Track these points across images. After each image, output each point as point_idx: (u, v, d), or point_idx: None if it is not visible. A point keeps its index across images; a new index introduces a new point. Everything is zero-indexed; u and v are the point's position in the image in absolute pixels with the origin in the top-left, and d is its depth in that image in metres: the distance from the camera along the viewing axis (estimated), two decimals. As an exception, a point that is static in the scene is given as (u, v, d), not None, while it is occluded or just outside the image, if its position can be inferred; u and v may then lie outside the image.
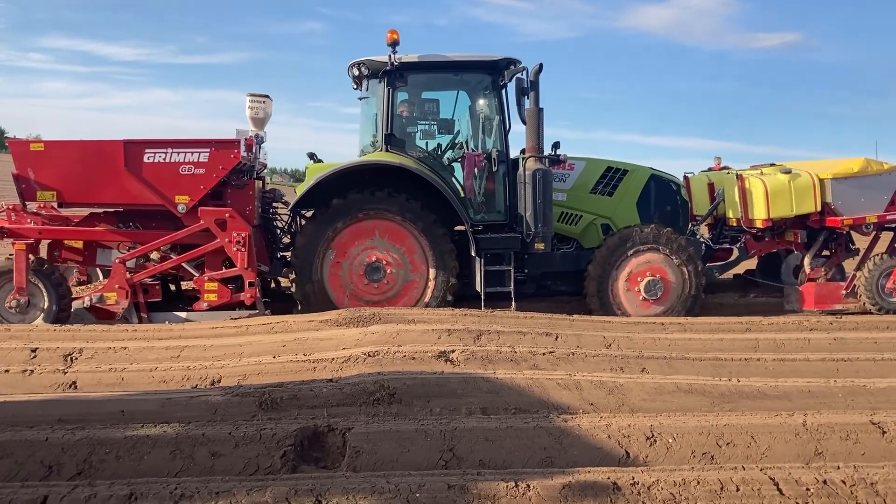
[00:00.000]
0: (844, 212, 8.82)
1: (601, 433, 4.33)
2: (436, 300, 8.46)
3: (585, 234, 9.35)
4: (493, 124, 8.99)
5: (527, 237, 8.55)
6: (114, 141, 8.05)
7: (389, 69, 8.58)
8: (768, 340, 6.99)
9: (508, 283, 8.52)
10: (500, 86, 8.96)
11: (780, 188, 8.86)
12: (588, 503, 3.43)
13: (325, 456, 4.22)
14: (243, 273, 8.05)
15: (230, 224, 8.03)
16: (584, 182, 9.40)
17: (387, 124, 8.70)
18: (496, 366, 5.75)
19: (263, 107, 8.97)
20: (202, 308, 8.16)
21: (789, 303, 9.26)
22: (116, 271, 8.00)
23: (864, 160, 8.91)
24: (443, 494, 3.43)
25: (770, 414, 4.74)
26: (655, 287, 8.71)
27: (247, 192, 8.39)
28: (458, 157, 9.05)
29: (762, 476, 3.70)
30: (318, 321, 7.29)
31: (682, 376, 5.63)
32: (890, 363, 6.25)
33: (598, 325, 7.59)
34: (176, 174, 8.03)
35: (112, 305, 7.95)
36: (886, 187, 8.90)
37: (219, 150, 8.10)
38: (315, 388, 5.02)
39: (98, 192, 8.09)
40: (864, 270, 8.96)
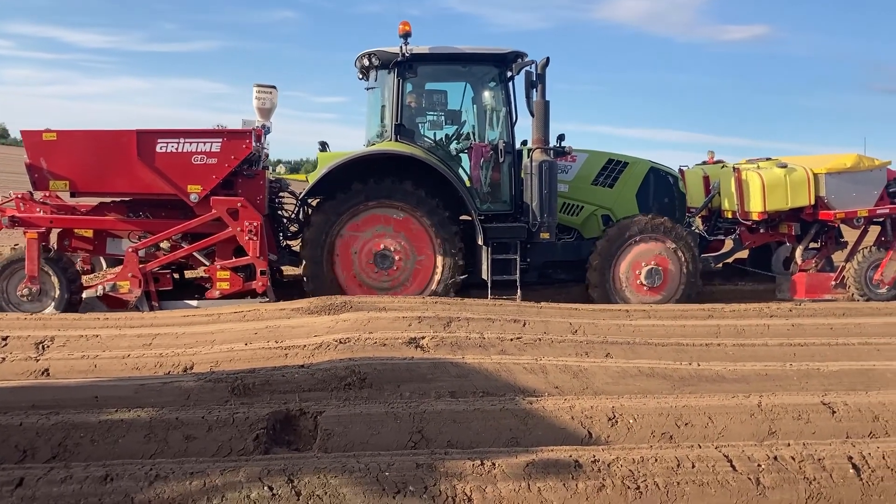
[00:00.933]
0: (837, 206, 9.12)
1: (565, 414, 4.48)
2: (443, 287, 8.62)
3: (586, 225, 9.56)
4: (500, 116, 9.17)
5: (532, 227, 8.75)
6: (126, 131, 8.09)
7: (400, 60, 8.68)
8: (729, 326, 7.21)
9: (514, 272, 8.70)
10: (507, 78, 9.12)
11: (777, 182, 9.16)
12: (550, 480, 3.57)
13: (297, 438, 4.32)
14: (255, 262, 8.15)
15: (242, 213, 8.13)
16: (585, 174, 9.60)
17: (397, 114, 8.81)
18: (465, 351, 5.89)
19: (270, 97, 8.99)
20: (214, 296, 8.24)
21: (781, 292, 9.61)
22: (129, 260, 8.06)
23: (857, 156, 9.24)
24: (411, 473, 3.55)
25: (727, 396, 4.94)
26: (655, 275, 8.94)
27: (257, 182, 8.47)
28: (466, 147, 9.21)
29: (717, 454, 3.87)
30: (290, 309, 7.39)
31: (644, 361, 5.81)
32: (843, 348, 6.50)
33: (565, 312, 7.76)
34: (188, 164, 8.09)
35: (125, 294, 8.01)
36: (876, 183, 9.25)
37: (231, 140, 8.18)
38: (287, 374, 5.12)
39: (111, 182, 8.13)
40: (853, 262, 9.33)
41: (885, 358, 6.24)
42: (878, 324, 7.53)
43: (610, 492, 3.56)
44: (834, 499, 3.68)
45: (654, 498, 3.57)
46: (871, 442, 4.22)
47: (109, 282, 8.11)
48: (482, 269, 8.77)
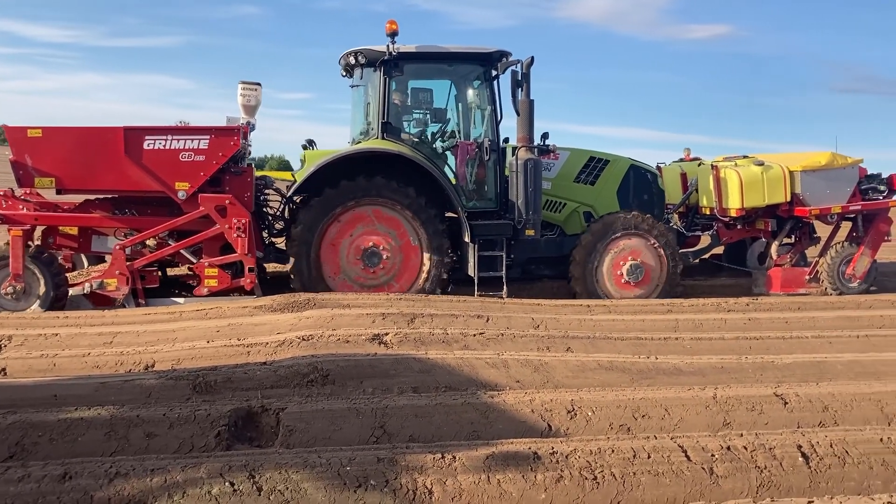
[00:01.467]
0: (812, 202, 9.36)
1: (525, 408, 4.55)
2: (430, 284, 8.72)
3: (568, 221, 9.69)
4: (485, 114, 9.29)
5: (518, 224, 8.88)
6: (114, 127, 8.06)
7: (387, 59, 8.73)
8: (687, 321, 7.35)
9: (500, 268, 8.83)
10: (492, 77, 9.23)
11: (754, 179, 9.36)
12: (510, 472, 3.63)
13: (259, 435, 4.33)
14: (243, 259, 8.17)
15: (230, 210, 8.12)
16: (567, 171, 9.74)
17: (383, 112, 8.87)
18: (429, 347, 5.94)
19: (255, 94, 8.98)
20: (202, 293, 8.21)
21: (757, 286, 9.84)
22: (117, 257, 8.02)
23: (831, 154, 9.49)
24: (372, 467, 3.59)
25: (684, 388, 5.05)
26: (637, 271, 9.10)
27: (245, 179, 8.48)
28: (452, 145, 9.29)
29: (672, 444, 3.97)
30: (253, 307, 7.37)
31: (604, 354, 5.91)
32: (797, 340, 6.67)
33: (528, 308, 7.86)
34: (176, 161, 8.08)
35: (112, 291, 7.97)
36: (849, 180, 9.52)
37: (219, 138, 8.17)
38: (249, 371, 5.12)
39: (98, 179, 8.09)
40: (826, 257, 9.59)
41: (836, 350, 6.43)
42: (831, 317, 7.73)
43: (568, 483, 3.63)
44: (783, 486, 3.79)
45: (611, 488, 3.65)
46: (819, 431, 4.35)
47: (96, 279, 8.05)
48: (469, 266, 8.87)
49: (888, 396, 4.98)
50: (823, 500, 3.48)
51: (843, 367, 5.83)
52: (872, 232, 9.63)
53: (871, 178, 9.74)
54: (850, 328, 7.27)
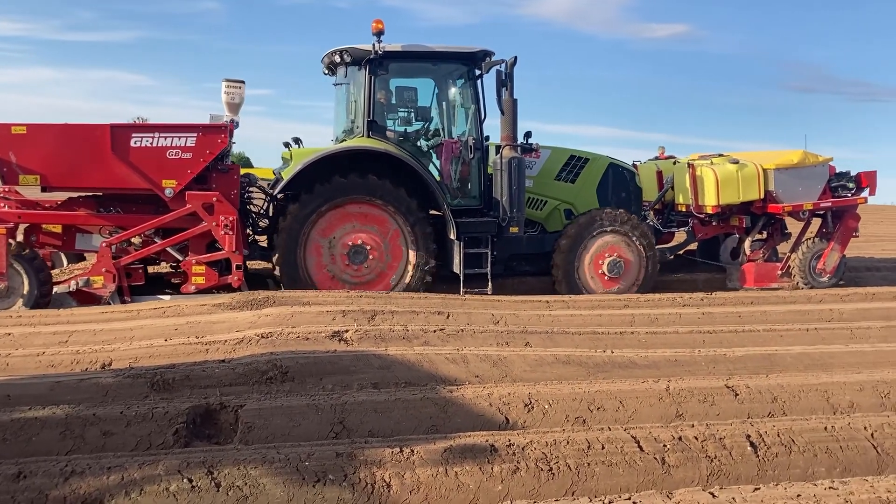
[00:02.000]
0: (784, 199, 9.69)
1: (483, 402, 4.62)
2: (416, 281, 8.84)
3: (550, 219, 9.91)
4: (469, 113, 9.40)
5: (502, 221, 9.05)
6: (100, 125, 8.05)
7: (373, 57, 8.80)
8: (643, 315, 7.49)
9: (485, 265, 9.00)
10: (476, 76, 9.36)
11: (730, 177, 9.63)
12: (467, 464, 3.69)
13: (217, 432, 4.33)
14: (231, 256, 8.20)
15: (217, 208, 8.15)
16: (549, 169, 9.95)
17: (368, 111, 8.94)
18: (389, 344, 5.97)
19: (239, 92, 9.00)
20: (190, 290, 8.21)
21: (731, 281, 10.15)
22: (103, 255, 7.99)
23: (802, 153, 9.84)
24: (331, 462, 3.61)
25: (638, 381, 5.15)
26: (617, 266, 9.37)
27: (231, 177, 8.53)
28: (437, 144, 9.37)
29: (625, 435, 4.06)
30: (211, 304, 7.33)
31: (561, 349, 6.00)
32: (749, 334, 6.84)
33: (488, 304, 7.93)
34: (163, 158, 8.09)
35: (99, 289, 7.95)
36: (820, 177, 9.87)
37: (206, 135, 8.19)
38: (207, 369, 5.10)
39: (84, 176, 8.05)
40: (797, 253, 9.92)
41: (786, 343, 6.61)
42: (782, 311, 7.94)
43: (524, 474, 3.70)
44: (733, 475, 3.90)
45: (566, 479, 3.73)
46: (768, 421, 4.48)
47: (83, 277, 8.03)
48: (454, 263, 8.98)
49: (834, 387, 5.15)
50: (770, 487, 3.59)
51: (793, 360, 6.00)
52: (842, 228, 9.99)
53: (840, 175, 10.09)
54: (800, 322, 7.48)
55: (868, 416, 4.60)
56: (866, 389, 5.17)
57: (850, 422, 4.41)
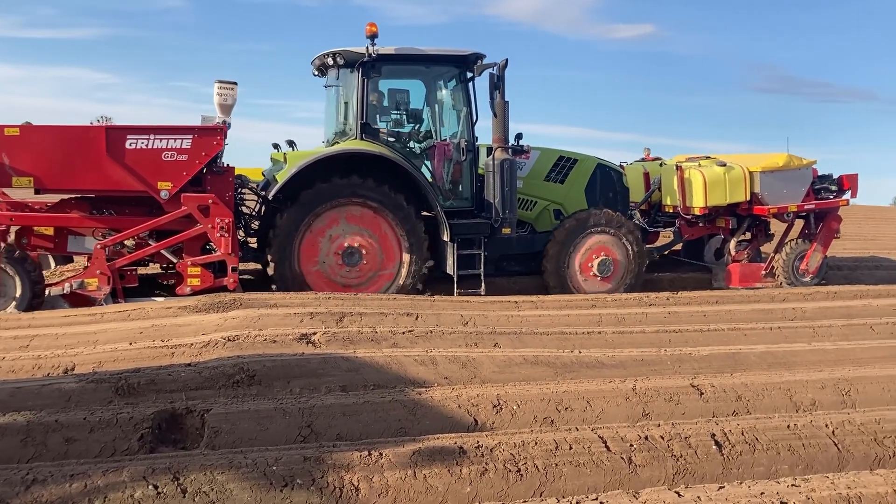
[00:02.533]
0: (770, 201, 9.90)
1: (452, 403, 4.62)
2: (410, 282, 8.90)
3: (539, 219, 9.98)
4: (461, 115, 9.47)
5: (494, 223, 9.14)
6: (95, 126, 8.05)
7: (367, 60, 8.81)
8: (610, 315, 7.56)
9: (479, 266, 9.07)
10: (467, 78, 9.43)
11: (717, 179, 9.83)
12: (436, 467, 3.69)
13: (184, 437, 4.29)
14: (227, 258, 8.18)
15: (213, 210, 8.13)
16: (538, 170, 10.05)
17: (362, 113, 8.94)
18: (357, 346, 5.95)
19: (231, 93, 8.88)
20: (185, 292, 8.15)
21: (717, 281, 10.37)
22: (97, 257, 7.95)
23: (787, 156, 10.07)
24: (299, 466, 3.59)
25: (605, 381, 5.20)
26: (607, 266, 9.52)
27: (226, 179, 8.47)
28: (429, 146, 9.41)
29: (593, 435, 4.09)
30: (177, 307, 7.24)
31: (529, 349, 6.03)
32: (714, 333, 6.94)
33: (457, 305, 7.94)
34: (158, 160, 8.04)
35: (93, 291, 7.90)
36: (804, 180, 10.12)
37: (202, 137, 8.15)
38: (173, 373, 5.04)
39: (78, 178, 7.97)
40: (781, 253, 10.13)
41: (750, 342, 6.71)
42: (747, 310, 8.05)
43: (492, 475, 3.71)
44: (698, 473, 3.96)
45: (534, 479, 3.75)
46: (732, 419, 4.55)
47: (77, 279, 7.97)
48: (447, 265, 9.03)
49: (796, 385, 5.24)
50: (734, 486, 3.65)
51: (757, 358, 6.10)
52: (824, 229, 10.26)
53: (823, 178, 10.37)
54: (764, 320, 7.60)
55: (829, 414, 4.70)
56: (828, 387, 5.27)
57: (811, 420, 4.49)
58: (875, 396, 5.24)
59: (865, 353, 6.39)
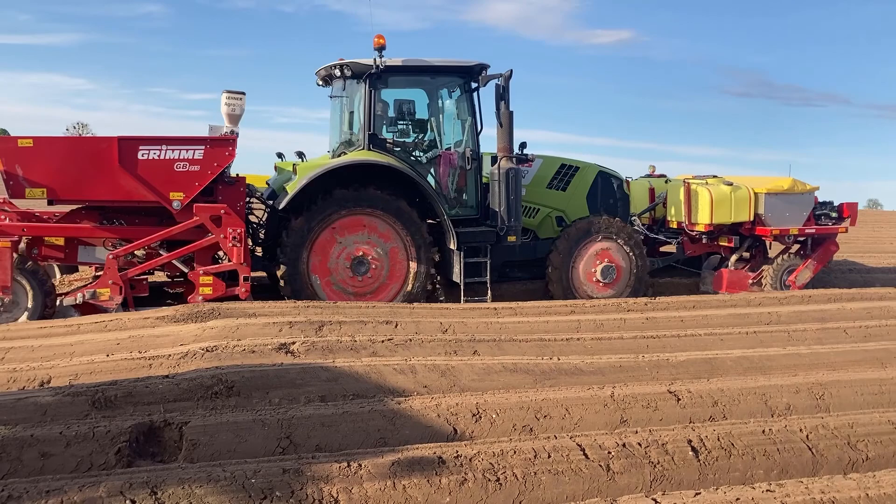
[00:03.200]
0: (773, 223, 10.18)
1: (431, 412, 4.63)
2: (418, 290, 9.02)
3: (542, 226, 10.12)
4: (465, 125, 9.56)
5: (500, 231, 9.24)
6: (107, 137, 8.07)
7: (374, 72, 8.89)
8: (589, 321, 7.60)
9: (485, 274, 9.22)
10: (472, 89, 9.54)
11: (723, 198, 10.05)
12: (415, 477, 3.70)
13: (161, 450, 4.26)
14: (239, 268, 8.25)
15: (225, 220, 8.22)
16: (540, 178, 10.17)
17: (369, 124, 9.02)
18: (336, 355, 5.95)
19: (240, 103, 8.97)
20: (197, 301, 8.16)
21: (704, 284, 10.70)
22: (110, 267, 8.00)
23: (792, 180, 10.36)
24: (278, 478, 3.59)
25: (584, 388, 5.24)
26: (609, 272, 9.70)
27: (237, 189, 8.55)
28: (435, 155, 9.50)
29: (571, 443, 4.13)
30: (155, 318, 7.19)
31: (509, 357, 6.06)
32: (691, 338, 7.00)
33: (436, 312, 7.95)
34: (171, 171, 8.10)
35: (105, 301, 7.95)
36: (806, 205, 10.41)
37: (214, 148, 8.21)
38: (151, 385, 5.00)
39: (91, 189, 8.04)
40: (773, 265, 10.34)
41: (727, 346, 6.79)
42: (724, 315, 8.13)
43: (471, 485, 3.73)
44: (675, 479, 4.00)
45: (513, 488, 3.77)
46: (709, 425, 4.60)
47: (89, 289, 8.00)
48: (454, 272, 9.17)
49: (771, 390, 5.31)
50: (710, 492, 3.69)
51: (733, 363, 6.16)
52: (821, 251, 10.51)
53: (824, 204, 10.66)
54: (741, 325, 7.68)
55: (804, 419, 4.76)
56: (802, 392, 5.34)
57: (786, 424, 4.56)
58: (848, 400, 5.32)
59: (839, 356, 6.48)
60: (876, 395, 5.41)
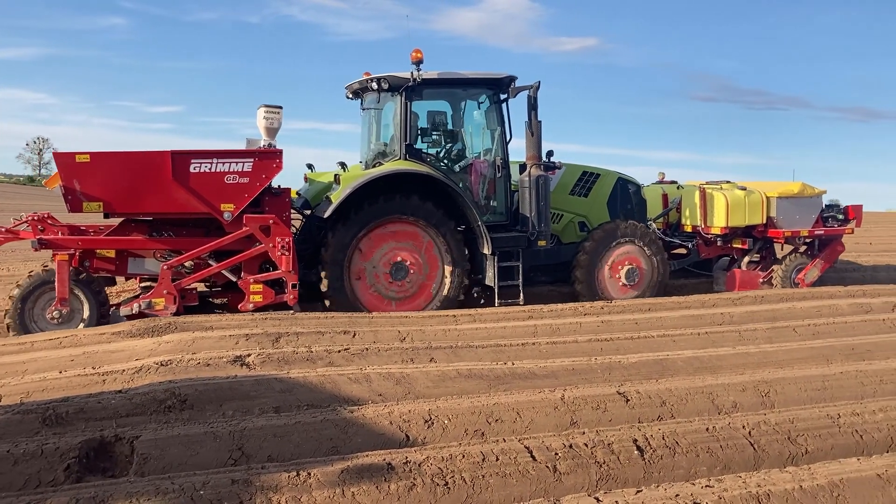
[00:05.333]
0: (784, 225, 10.68)
1: (384, 420, 4.68)
2: (453, 293, 9.34)
3: (565, 231, 10.49)
4: (495, 135, 9.94)
5: (531, 236, 9.65)
6: (161, 152, 8.27)
7: (412, 85, 9.20)
8: (545, 326, 7.71)
9: (517, 277, 9.53)
10: (502, 100, 9.89)
11: (738, 202, 10.53)
12: (364, 484, 3.75)
13: (112, 465, 4.25)
14: (286, 276, 8.49)
15: (274, 230, 8.49)
16: (564, 184, 10.51)
17: (405, 135, 9.31)
18: (292, 366, 5.97)
19: (277, 117, 9.15)
20: (248, 308, 8.46)
21: (717, 285, 11.17)
22: (164, 277, 8.25)
23: (802, 184, 10.89)
24: (226, 489, 3.61)
25: (536, 391, 5.33)
26: (633, 274, 10.09)
27: (283, 199, 8.88)
28: (467, 164, 9.83)
29: (519, 446, 4.20)
30: (110, 333, 7.14)
31: (464, 363, 6.12)
32: (644, 340, 7.13)
33: (395, 321, 8.01)
34: (221, 183, 8.33)
35: (161, 311, 8.18)
36: (815, 208, 10.93)
37: (262, 160, 8.45)
38: (103, 401, 4.98)
39: (146, 202, 8.26)
40: (782, 265, 10.83)
41: (679, 347, 6.93)
42: (677, 316, 8.30)
43: (420, 490, 3.79)
44: (620, 478, 4.09)
45: (461, 492, 3.84)
46: (655, 424, 4.71)
47: (145, 299, 8.25)
48: (487, 276, 9.52)
49: (719, 389, 5.45)
50: (651, 489, 3.79)
51: (683, 364, 6.30)
52: (828, 250, 11.01)
53: (831, 207, 11.19)
54: (693, 326, 7.84)
55: (747, 415, 4.90)
56: (748, 390, 5.48)
57: (730, 422, 4.69)
58: (792, 396, 5.47)
59: (787, 354, 6.66)
60: (818, 391, 5.57)
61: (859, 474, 3.96)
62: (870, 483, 3.90)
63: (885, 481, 3.93)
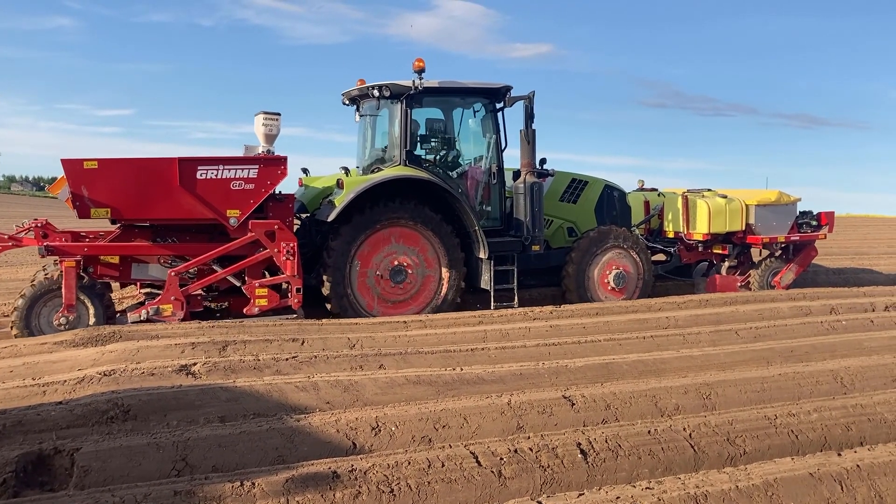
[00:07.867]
0: (762, 232, 11.16)
1: (331, 428, 4.67)
2: (451, 296, 9.58)
3: (554, 236, 10.81)
4: (490, 142, 10.16)
5: (525, 240, 9.95)
6: (168, 158, 8.37)
7: (413, 93, 9.38)
8: (495, 331, 7.76)
9: (512, 281, 9.80)
10: (498, 108, 10.16)
11: (720, 209, 10.96)
12: (309, 493, 3.74)
13: (51, 479, 4.16)
14: (291, 280, 8.64)
15: (279, 235, 8.62)
16: (554, 191, 10.80)
17: (405, 142, 9.48)
18: (238, 375, 5.91)
19: (276, 124, 9.28)
20: (253, 312, 8.57)
21: (697, 290, 11.51)
22: (171, 283, 8.31)
23: (778, 192, 11.33)
24: (168, 500, 3.57)
25: (483, 397, 5.36)
26: (621, 278, 10.44)
27: (287, 205, 9.03)
28: (463, 171, 10.16)
29: (465, 451, 4.23)
30: (52, 343, 6.99)
31: (413, 369, 6.14)
32: (591, 344, 7.23)
33: (345, 328, 7.98)
34: (227, 189, 8.45)
35: (168, 317, 8.24)
36: (790, 214, 11.43)
37: (267, 167, 8.58)
38: (42, 412, 4.87)
39: (152, 208, 8.34)
40: (758, 269, 11.28)
41: (624, 351, 7.05)
42: (624, 321, 8.43)
43: (365, 498, 3.79)
44: (564, 482, 4.15)
45: (407, 499, 3.85)
46: (599, 428, 4.79)
47: (153, 305, 8.30)
48: (483, 280, 9.77)
49: (662, 392, 5.56)
50: (593, 492, 3.86)
51: (629, 367, 6.41)
52: (802, 255, 11.48)
53: (804, 214, 11.69)
54: (639, 330, 7.99)
55: (688, 418, 5.01)
56: (690, 392, 5.60)
57: (671, 424, 4.79)
58: (733, 398, 5.61)
59: (729, 357, 6.82)
60: (758, 393, 5.73)
61: (793, 473, 4.09)
62: (803, 482, 4.03)
63: (818, 480, 4.06)
